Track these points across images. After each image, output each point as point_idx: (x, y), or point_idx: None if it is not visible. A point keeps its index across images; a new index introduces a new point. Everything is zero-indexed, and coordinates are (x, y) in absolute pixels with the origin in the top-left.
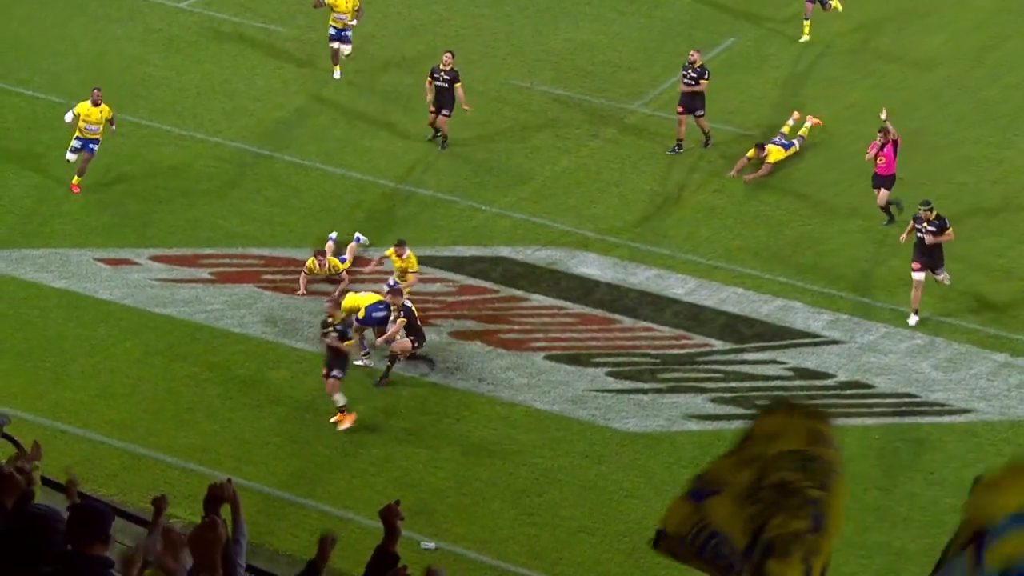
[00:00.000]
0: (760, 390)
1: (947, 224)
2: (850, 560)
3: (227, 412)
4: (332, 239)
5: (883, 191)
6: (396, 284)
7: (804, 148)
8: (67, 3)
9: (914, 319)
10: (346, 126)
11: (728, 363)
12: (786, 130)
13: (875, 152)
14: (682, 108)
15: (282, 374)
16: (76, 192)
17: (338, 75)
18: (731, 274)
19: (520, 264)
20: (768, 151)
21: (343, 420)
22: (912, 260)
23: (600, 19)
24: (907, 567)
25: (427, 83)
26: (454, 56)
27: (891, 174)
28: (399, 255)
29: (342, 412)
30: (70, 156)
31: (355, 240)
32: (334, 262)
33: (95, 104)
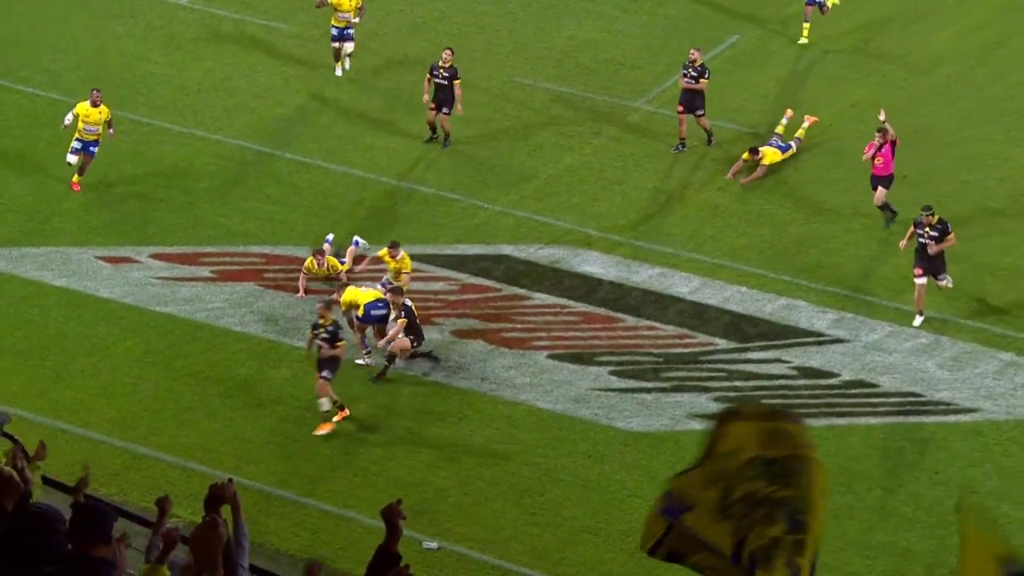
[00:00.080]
0: (764, 389)
1: (949, 228)
2: (855, 560)
3: (228, 411)
4: (328, 241)
5: (881, 189)
6: (390, 284)
7: (807, 147)
8: (67, 0)
9: (919, 320)
10: (348, 124)
11: (732, 362)
12: (780, 130)
13: (873, 152)
14: (682, 107)
15: (283, 373)
16: (76, 190)
17: (339, 72)
18: (735, 272)
19: (523, 262)
20: (763, 153)
21: (322, 427)
22: (914, 266)
23: (603, 16)
24: (912, 567)
25: (426, 80)
26: (454, 53)
27: (889, 174)
28: (393, 256)
29: (325, 421)
30: (70, 158)
31: (353, 244)
32: (333, 261)
33: (94, 105)
